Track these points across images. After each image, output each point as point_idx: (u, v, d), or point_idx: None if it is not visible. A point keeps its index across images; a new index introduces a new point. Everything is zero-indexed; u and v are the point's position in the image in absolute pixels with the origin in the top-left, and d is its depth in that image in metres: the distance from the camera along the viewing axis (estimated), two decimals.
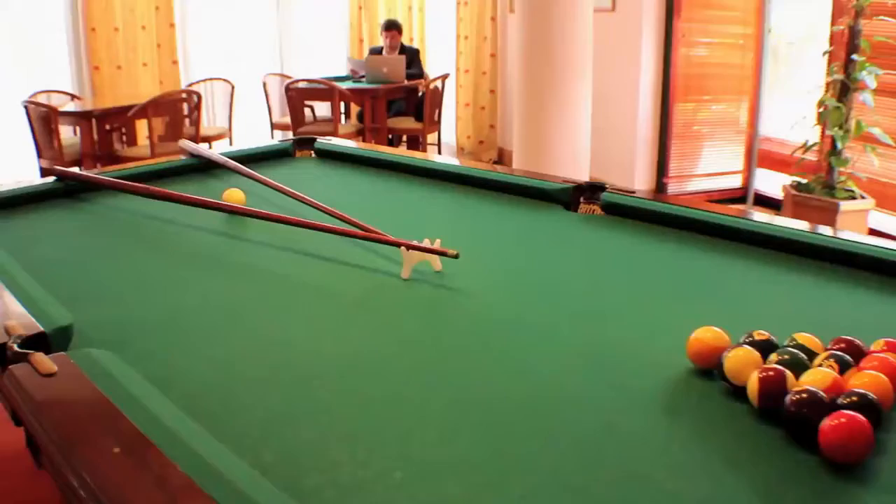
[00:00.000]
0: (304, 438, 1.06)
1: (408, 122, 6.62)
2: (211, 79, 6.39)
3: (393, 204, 2.36)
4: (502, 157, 7.39)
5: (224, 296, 1.63)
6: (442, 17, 7.68)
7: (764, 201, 5.50)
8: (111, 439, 0.97)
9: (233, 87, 6.31)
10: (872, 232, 4.60)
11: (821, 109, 4.53)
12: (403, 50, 6.77)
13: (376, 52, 6.85)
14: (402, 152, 2.97)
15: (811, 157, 4.74)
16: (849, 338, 1.18)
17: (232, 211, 2.11)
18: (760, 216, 1.90)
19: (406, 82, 6.47)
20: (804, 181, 4.76)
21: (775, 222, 1.87)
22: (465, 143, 7.57)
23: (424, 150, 6.69)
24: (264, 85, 6.62)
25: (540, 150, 4.64)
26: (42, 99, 5.26)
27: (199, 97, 5.55)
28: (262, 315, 1.52)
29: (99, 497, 0.86)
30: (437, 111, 6.62)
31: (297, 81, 6.19)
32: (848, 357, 1.12)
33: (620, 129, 5.74)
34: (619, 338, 1.36)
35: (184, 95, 5.59)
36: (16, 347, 1.20)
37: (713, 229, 1.87)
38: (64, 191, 2.40)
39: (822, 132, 4.67)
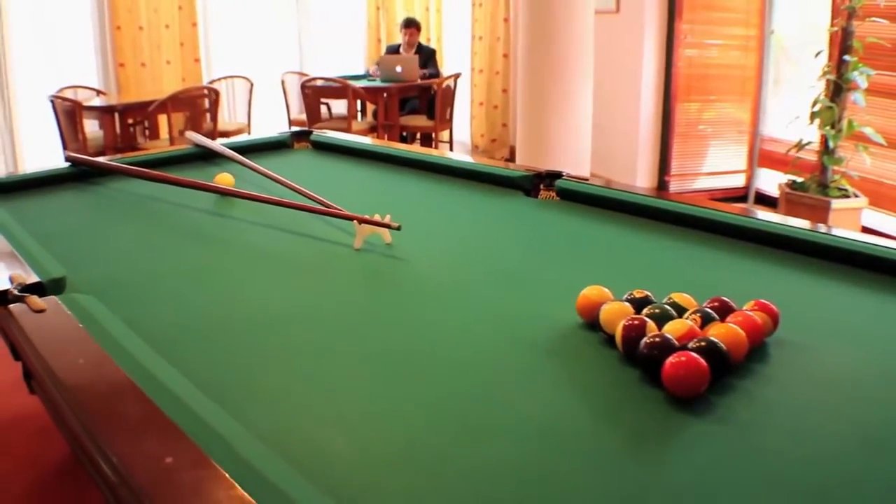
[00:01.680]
0: (237, 365, 1.28)
1: (420, 120, 6.81)
2: (231, 76, 6.64)
3: (369, 188, 2.55)
4: (514, 155, 7.54)
5: (199, 261, 1.84)
6: (458, 17, 7.86)
7: (766, 200, 5.58)
8: (80, 356, 1.21)
9: (251, 85, 6.55)
10: (866, 230, 4.68)
11: (814, 109, 4.62)
12: (420, 49, 6.96)
13: (394, 49, 7.05)
14: (387, 144, 3.15)
15: (811, 156, 4.83)
16: (722, 297, 1.33)
17: (217, 191, 2.32)
18: (704, 203, 2.05)
19: (420, 81, 6.66)
20: (799, 180, 4.85)
21: (709, 207, 2.01)
22: (480, 141, 7.73)
23: (436, 148, 6.88)
24: (282, 83, 6.85)
25: (542, 148, 4.79)
26: (69, 94, 5.53)
27: (217, 93, 5.79)
28: (228, 276, 1.73)
29: (65, 393, 1.09)
30: (448, 109, 6.79)
31: (314, 80, 6.41)
32: (713, 313, 1.27)
33: (623, 128, 5.87)
34: (532, 300, 1.52)
35: (204, 91, 5.83)
36: (16, 292, 1.45)
37: (655, 213, 2.02)
38: (77, 175, 2.63)
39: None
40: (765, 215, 1.87)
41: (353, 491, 0.91)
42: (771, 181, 5.57)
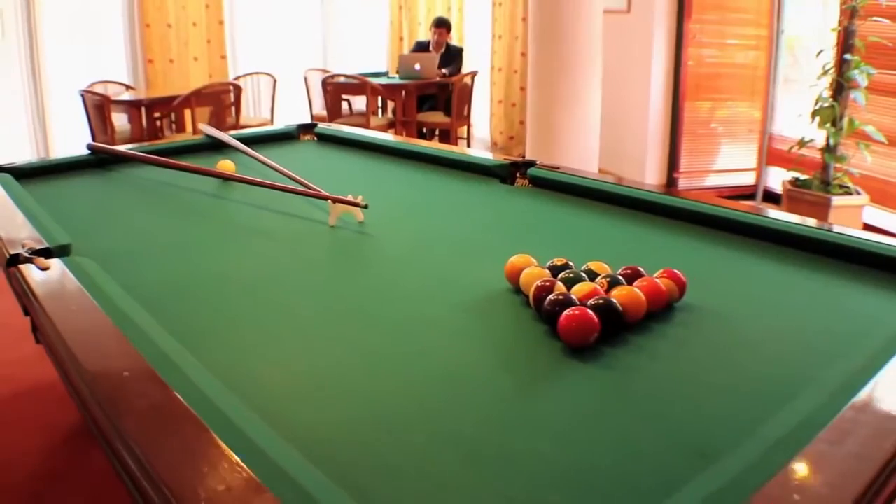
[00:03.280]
0: (206, 316, 1.48)
1: (437, 117, 6.98)
2: (256, 73, 6.88)
3: (360, 174, 2.73)
4: None
5: (192, 235, 2.05)
6: (479, 16, 8.03)
7: (775, 198, 5.65)
8: (72, 303, 1.44)
9: (275, 81, 6.78)
10: (867, 227, 4.74)
11: (816, 107, 4.70)
12: (448, 49, 7.14)
13: (423, 46, 7.23)
14: (383, 136, 3.32)
15: (818, 154, 4.90)
16: (636, 266, 1.48)
17: (218, 176, 2.52)
18: (649, 188, 2.20)
19: (438, 79, 6.84)
20: (803, 177, 4.93)
21: (649, 190, 2.16)
22: (499, 138, 7.89)
23: (455, 144, 7.04)
24: (305, 79, 7.07)
25: (551, 144, 4.91)
26: (99, 89, 5.81)
27: (240, 89, 6.03)
28: (214, 247, 1.94)
29: (56, 332, 1.30)
30: (466, 106, 6.96)
31: (335, 77, 6.63)
32: (621, 278, 1.42)
33: (634, 126, 5.98)
34: (476, 270, 1.68)
35: (228, 87, 6.08)
36: (26, 254, 1.67)
37: (613, 198, 2.17)
38: (96, 162, 2.85)
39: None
40: (704, 200, 2.02)
41: (275, 408, 1.09)
42: (781, 179, 5.64)
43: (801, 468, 0.89)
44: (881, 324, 1.32)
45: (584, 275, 1.44)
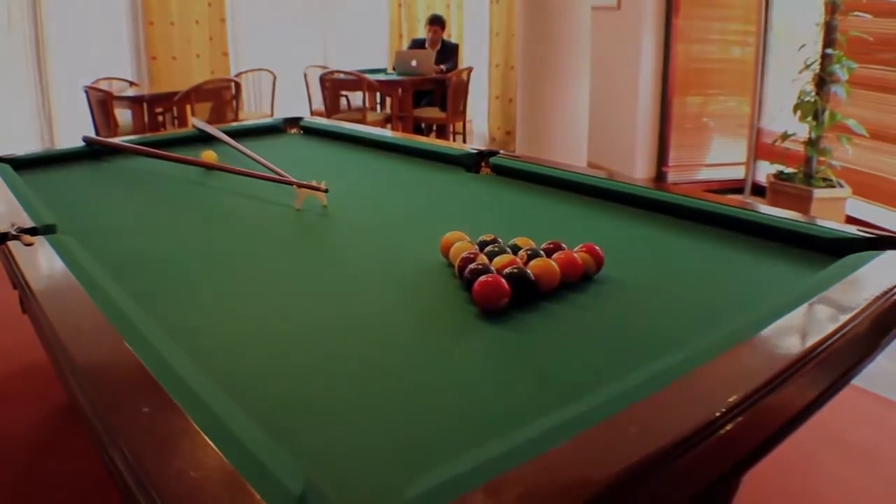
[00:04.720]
0: (166, 281, 1.65)
1: (433, 112, 7.11)
2: (257, 69, 7.04)
3: (336, 163, 2.87)
4: None
5: (168, 215, 2.22)
6: (477, 13, 8.15)
7: (763, 191, 5.73)
8: (50, 271, 1.61)
9: (275, 77, 6.94)
10: (850, 220, 4.82)
11: (798, 101, 4.80)
12: (444, 45, 7.27)
13: (419, 43, 7.37)
14: (363, 129, 3.46)
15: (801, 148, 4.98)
16: (558, 241, 1.61)
17: (200, 165, 2.67)
18: (593, 173, 2.32)
19: (434, 75, 6.97)
20: (787, 170, 5.02)
21: (592, 174, 2.29)
22: (496, 133, 8.01)
23: (452, 139, 7.17)
24: (305, 76, 7.22)
25: (539, 139, 5.02)
26: (103, 85, 5.99)
27: (239, 85, 6.19)
28: (185, 226, 2.10)
29: (34, 295, 1.45)
30: (462, 102, 7.08)
31: (332, 73, 6.77)
32: (540, 251, 1.55)
33: (623, 121, 6.08)
34: (418, 246, 1.81)
35: (226, 83, 6.24)
36: (13, 232, 1.82)
37: (564, 183, 2.30)
38: (91, 153, 3.00)
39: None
40: (645, 185, 2.15)
41: (212, 350, 1.24)
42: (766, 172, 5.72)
43: (645, 407, 1.01)
44: (773, 294, 1.44)
45: (508, 248, 1.57)
